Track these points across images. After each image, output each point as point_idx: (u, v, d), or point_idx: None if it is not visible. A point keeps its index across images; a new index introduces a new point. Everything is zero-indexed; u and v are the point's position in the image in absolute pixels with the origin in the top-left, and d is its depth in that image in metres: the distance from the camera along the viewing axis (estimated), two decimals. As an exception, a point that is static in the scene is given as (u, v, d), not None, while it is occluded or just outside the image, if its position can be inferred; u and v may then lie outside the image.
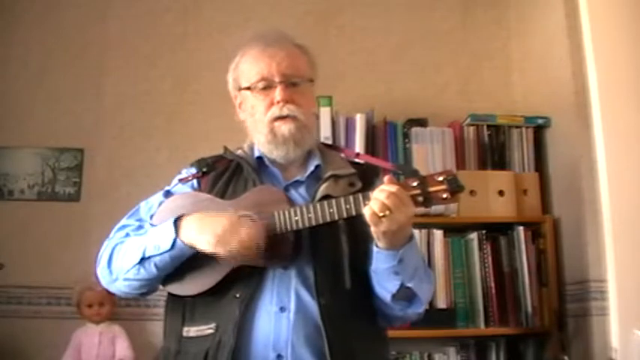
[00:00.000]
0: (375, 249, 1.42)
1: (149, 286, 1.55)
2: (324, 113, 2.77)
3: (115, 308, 2.70)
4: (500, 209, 2.72)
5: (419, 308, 1.51)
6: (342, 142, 2.76)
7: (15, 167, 2.98)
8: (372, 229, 1.37)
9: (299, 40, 1.67)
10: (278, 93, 1.55)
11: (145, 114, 3.04)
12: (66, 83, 3.06)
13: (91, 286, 2.63)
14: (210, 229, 1.41)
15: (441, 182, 1.35)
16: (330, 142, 2.70)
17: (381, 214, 1.32)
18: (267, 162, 1.62)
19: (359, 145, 2.75)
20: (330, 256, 1.47)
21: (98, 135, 3.02)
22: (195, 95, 3.06)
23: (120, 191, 2.87)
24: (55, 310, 2.82)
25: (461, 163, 2.82)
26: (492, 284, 2.66)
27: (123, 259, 1.52)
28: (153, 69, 3.10)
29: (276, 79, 1.56)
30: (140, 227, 1.59)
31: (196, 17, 3.17)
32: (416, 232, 2.64)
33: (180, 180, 1.64)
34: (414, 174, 1.40)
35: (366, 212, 1.34)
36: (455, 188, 1.34)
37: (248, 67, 1.61)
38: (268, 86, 1.57)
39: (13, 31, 3.09)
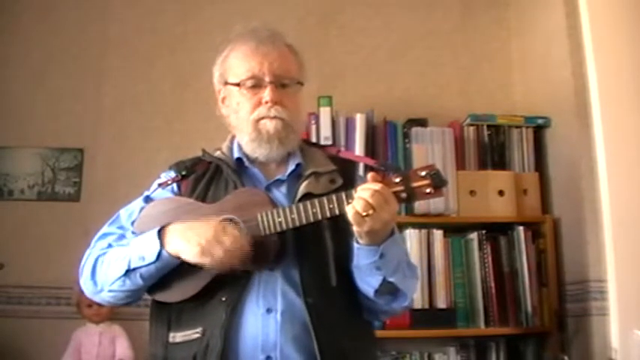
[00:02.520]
0: (355, 245, 1.41)
1: (134, 296, 1.54)
2: (324, 113, 2.77)
3: (114, 308, 2.70)
4: (500, 209, 2.72)
5: (404, 302, 1.51)
6: (342, 142, 2.76)
7: (15, 167, 2.98)
8: (355, 228, 1.35)
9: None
10: (267, 93, 1.53)
11: (144, 114, 3.05)
12: (66, 83, 3.06)
13: (91, 286, 2.63)
14: (195, 240, 1.39)
15: (424, 177, 1.34)
16: (330, 142, 2.70)
17: (364, 214, 1.31)
18: (246, 163, 1.61)
19: (359, 146, 2.75)
20: (315, 254, 1.46)
21: (98, 135, 3.02)
22: (195, 95, 3.05)
23: (120, 191, 2.85)
24: (55, 310, 2.82)
25: (461, 163, 2.81)
26: (492, 284, 2.66)
27: (107, 271, 1.50)
28: (153, 69, 3.10)
29: (267, 79, 1.54)
30: (122, 236, 1.57)
31: (196, 17, 3.17)
32: (416, 232, 2.65)
33: (160, 184, 1.62)
34: (397, 170, 1.40)
35: (349, 212, 1.33)
36: (438, 183, 1.33)
37: (238, 63, 1.58)
38: (257, 85, 1.55)
39: (13, 31, 3.10)
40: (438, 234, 2.68)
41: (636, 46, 2.49)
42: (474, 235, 2.71)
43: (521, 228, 2.71)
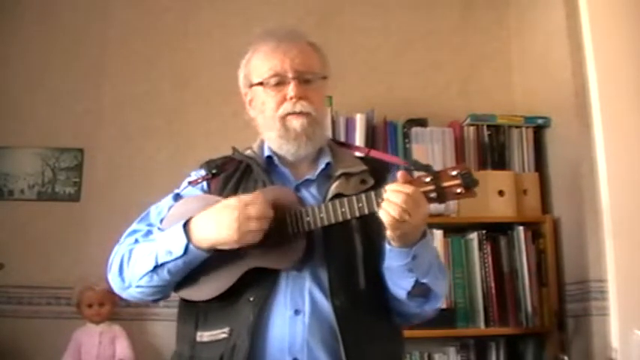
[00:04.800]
0: (387, 247, 1.40)
1: (162, 292, 1.53)
2: (324, 113, 2.77)
3: (115, 308, 2.70)
4: (501, 209, 2.72)
5: (436, 304, 1.50)
6: (342, 142, 2.76)
7: (15, 167, 2.98)
8: (389, 233, 1.35)
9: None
10: (291, 89, 1.53)
11: (145, 114, 3.04)
12: (66, 83, 3.06)
13: (91, 286, 2.63)
14: (225, 226, 1.38)
15: (455, 177, 1.32)
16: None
17: (401, 220, 1.31)
18: (276, 161, 1.60)
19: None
20: (344, 256, 1.46)
21: (98, 135, 3.02)
22: (195, 95, 3.06)
23: (120, 191, 2.87)
24: (55, 310, 2.82)
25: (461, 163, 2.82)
26: (492, 284, 2.66)
27: (135, 267, 1.49)
28: (153, 69, 3.10)
29: (290, 75, 1.54)
30: (149, 232, 1.57)
31: (196, 17, 3.17)
32: (416, 232, 2.65)
33: (190, 182, 1.62)
34: (427, 169, 1.37)
35: (385, 218, 1.32)
36: (469, 183, 1.32)
37: (260, 63, 1.59)
38: (281, 82, 1.55)
39: (13, 31, 3.09)
40: (438, 234, 2.68)
41: (636, 46, 2.49)
42: (473, 235, 2.71)
43: (521, 228, 2.71)
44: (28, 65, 3.07)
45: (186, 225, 1.44)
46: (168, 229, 1.49)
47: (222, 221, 1.39)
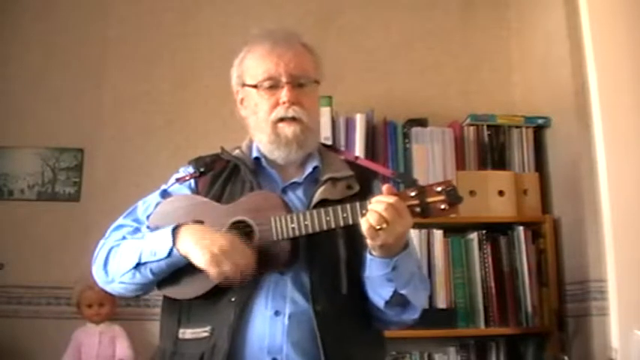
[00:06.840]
0: (368, 256, 1.41)
1: (144, 289, 1.54)
2: (324, 113, 2.76)
3: (115, 308, 2.70)
4: (500, 209, 2.72)
5: (414, 314, 1.51)
6: (342, 143, 2.76)
7: (15, 167, 2.98)
8: (369, 242, 1.35)
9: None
10: (285, 94, 1.54)
11: (145, 114, 3.04)
12: (66, 83, 3.06)
13: (91, 285, 2.62)
14: (207, 248, 1.39)
15: (440, 193, 1.34)
16: (330, 142, 2.70)
17: (378, 227, 1.31)
18: (264, 163, 1.61)
19: (359, 146, 2.75)
20: (327, 261, 1.46)
21: (98, 135, 3.02)
22: (195, 95, 3.06)
23: (120, 191, 2.87)
24: (55, 310, 2.82)
25: (461, 163, 2.81)
26: (492, 284, 2.67)
27: (119, 262, 1.51)
28: (153, 69, 3.10)
29: (284, 79, 1.55)
30: (137, 230, 1.57)
31: (196, 17, 3.17)
32: (416, 232, 2.65)
33: (178, 179, 1.63)
34: (413, 183, 1.39)
35: (363, 225, 1.33)
36: (453, 199, 1.33)
37: (254, 65, 1.59)
38: (274, 86, 1.55)
39: (13, 30, 3.09)
40: (438, 234, 2.68)
41: (636, 46, 2.48)
42: (473, 235, 2.71)
43: (521, 228, 2.71)
44: (28, 65, 3.07)
45: (176, 230, 1.44)
46: (157, 231, 1.49)
47: (205, 243, 1.39)
